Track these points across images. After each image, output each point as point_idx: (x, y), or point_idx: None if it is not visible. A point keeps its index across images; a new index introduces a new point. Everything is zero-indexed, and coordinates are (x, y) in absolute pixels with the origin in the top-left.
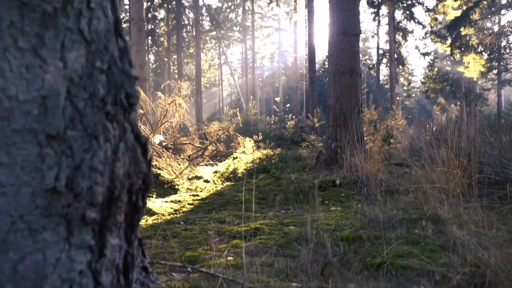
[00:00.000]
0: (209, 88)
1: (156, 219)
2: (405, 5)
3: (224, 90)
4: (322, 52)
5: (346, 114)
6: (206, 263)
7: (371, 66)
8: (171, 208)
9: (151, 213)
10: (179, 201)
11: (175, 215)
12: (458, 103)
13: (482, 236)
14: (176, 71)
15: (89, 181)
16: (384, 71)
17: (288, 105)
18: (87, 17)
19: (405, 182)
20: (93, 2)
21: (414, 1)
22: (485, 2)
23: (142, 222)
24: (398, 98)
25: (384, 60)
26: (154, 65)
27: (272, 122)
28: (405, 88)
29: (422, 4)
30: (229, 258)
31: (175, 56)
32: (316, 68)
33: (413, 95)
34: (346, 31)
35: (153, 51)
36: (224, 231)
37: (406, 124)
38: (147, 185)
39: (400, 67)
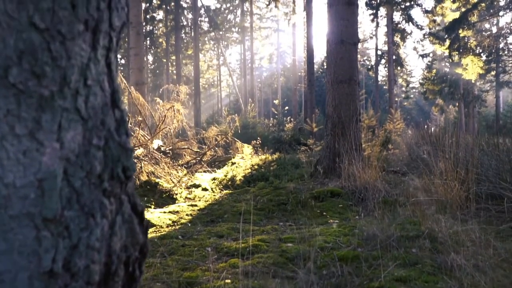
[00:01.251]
0: (208, 89)
1: (155, 231)
2: (403, 6)
3: (223, 90)
4: (321, 53)
5: (344, 123)
6: (204, 286)
7: (369, 67)
8: (169, 219)
9: (149, 225)
10: (178, 212)
11: (174, 227)
12: (457, 104)
13: (479, 256)
14: (175, 71)
15: (86, 260)
16: (382, 71)
17: (287, 107)
18: (84, 95)
19: (403, 192)
20: (90, 79)
21: (412, 3)
22: (483, 4)
23: None
24: (396, 99)
25: (383, 61)
26: (153, 65)
27: (271, 124)
28: (403, 89)
29: (420, 6)
30: (227, 281)
31: (173, 57)
32: (315, 69)
33: (412, 95)
34: (344, 40)
35: (152, 52)
36: (222, 248)
37: (405, 125)
38: (144, 254)
39: (399, 68)
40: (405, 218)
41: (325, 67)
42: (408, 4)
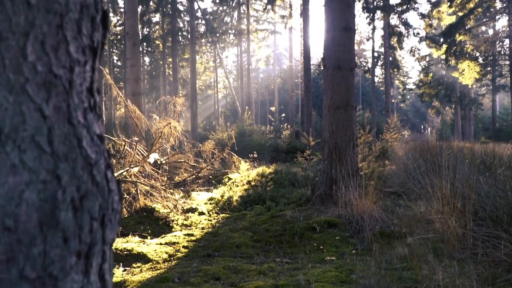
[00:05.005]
0: (205, 90)
1: (151, 268)
2: (400, 9)
3: (220, 92)
4: (318, 55)
5: (341, 149)
6: None
7: (366, 69)
8: (166, 252)
9: (145, 259)
10: (174, 243)
11: (170, 262)
12: (453, 106)
13: None
14: (171, 73)
15: None
16: (378, 71)
17: (283, 114)
18: None
19: (400, 222)
20: None
21: (408, 6)
22: (480, 9)
23: (137, 273)
24: (393, 101)
25: (379, 63)
26: (149, 67)
27: (268, 131)
28: (400, 90)
29: (416, 10)
30: None
31: (170, 60)
32: (312, 71)
33: (408, 97)
34: (341, 65)
35: (148, 53)
36: None
37: (401, 126)
38: None
39: (395, 70)
40: (402, 265)
41: (322, 67)
42: (404, 7)
